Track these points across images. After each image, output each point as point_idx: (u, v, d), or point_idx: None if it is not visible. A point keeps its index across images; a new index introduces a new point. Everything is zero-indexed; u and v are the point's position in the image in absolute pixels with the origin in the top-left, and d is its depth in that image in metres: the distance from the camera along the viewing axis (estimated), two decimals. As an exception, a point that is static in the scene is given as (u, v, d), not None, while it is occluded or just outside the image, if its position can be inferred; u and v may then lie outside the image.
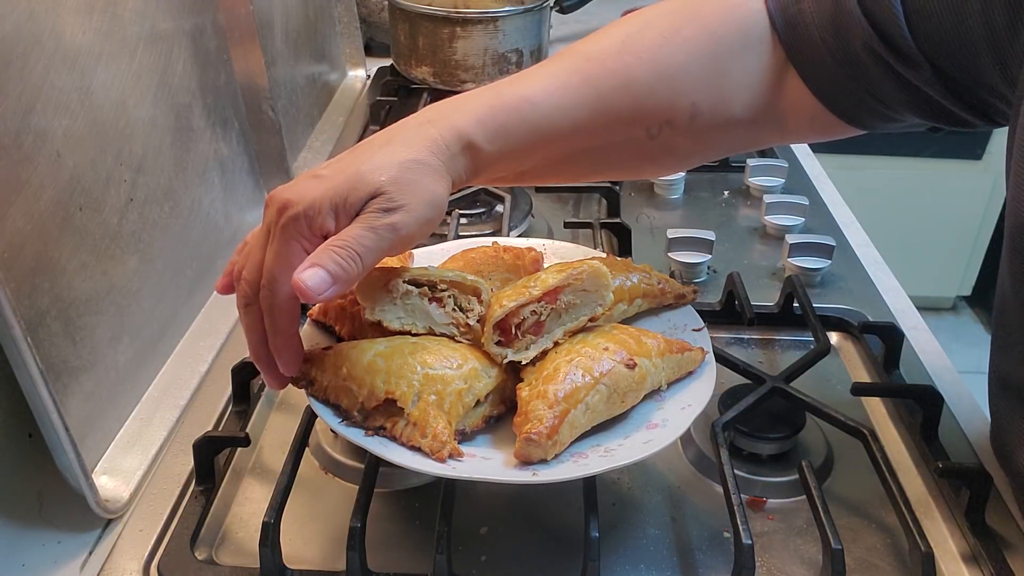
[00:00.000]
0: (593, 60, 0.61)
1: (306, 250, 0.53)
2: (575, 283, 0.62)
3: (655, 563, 0.62)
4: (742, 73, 0.63)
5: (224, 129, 0.94)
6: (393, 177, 0.54)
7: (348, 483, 0.68)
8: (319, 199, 0.53)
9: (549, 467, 0.56)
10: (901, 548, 0.62)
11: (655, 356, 0.61)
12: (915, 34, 0.58)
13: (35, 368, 0.57)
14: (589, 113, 0.60)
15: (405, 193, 0.54)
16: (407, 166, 0.54)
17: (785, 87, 0.64)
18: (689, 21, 0.63)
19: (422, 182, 0.55)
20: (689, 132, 0.64)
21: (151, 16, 0.79)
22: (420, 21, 1.20)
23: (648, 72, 0.61)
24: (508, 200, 0.97)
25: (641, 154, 0.65)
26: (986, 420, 0.74)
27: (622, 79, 0.61)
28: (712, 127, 0.64)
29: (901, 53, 0.59)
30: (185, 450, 0.67)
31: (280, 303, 0.54)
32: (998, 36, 0.56)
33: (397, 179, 0.54)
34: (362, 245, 0.52)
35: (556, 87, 0.60)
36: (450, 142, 0.56)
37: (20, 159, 0.60)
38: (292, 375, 0.59)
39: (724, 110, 0.63)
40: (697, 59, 0.62)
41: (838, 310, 0.86)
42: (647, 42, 0.62)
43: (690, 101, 0.62)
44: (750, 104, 0.64)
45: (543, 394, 0.56)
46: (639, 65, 0.61)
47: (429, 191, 0.55)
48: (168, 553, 0.60)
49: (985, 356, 0.66)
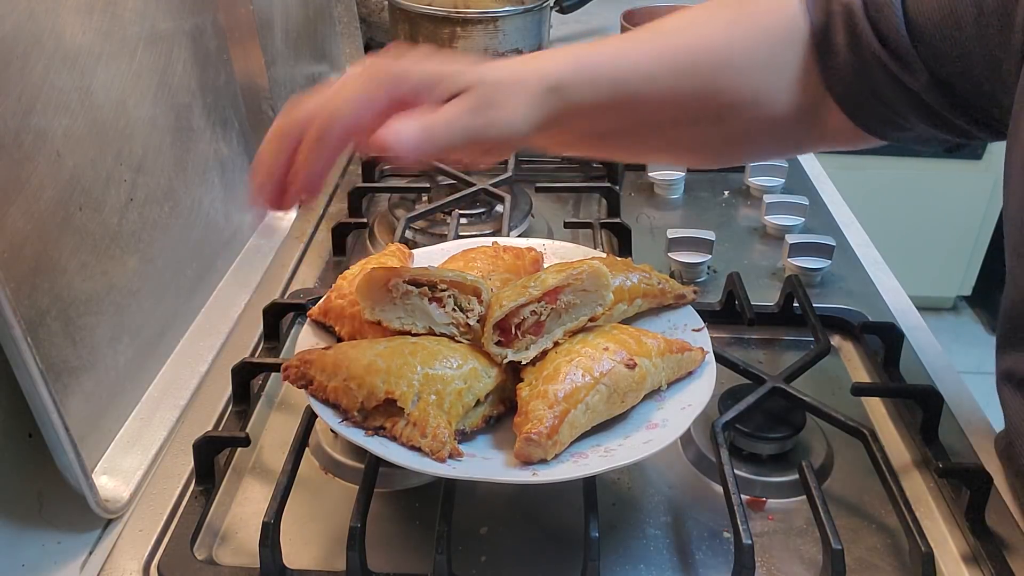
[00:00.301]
0: (668, 35, 0.64)
1: (383, 109, 0.52)
2: (575, 283, 0.62)
3: (655, 563, 0.62)
4: (789, 69, 0.65)
5: (224, 129, 0.94)
6: (493, 80, 0.55)
7: (348, 483, 0.68)
8: (414, 69, 0.53)
9: (549, 467, 0.56)
10: (901, 548, 0.62)
11: (655, 356, 0.61)
12: (914, 39, 0.59)
13: (35, 368, 0.57)
14: (666, 82, 0.62)
15: (500, 98, 0.54)
16: (505, 80, 0.55)
17: (818, 90, 0.65)
18: (744, 15, 0.65)
19: (518, 97, 0.55)
20: (749, 121, 0.65)
21: (151, 16, 0.79)
22: (420, 21, 1.20)
23: (715, 55, 0.63)
24: (508, 200, 0.97)
25: (705, 139, 0.67)
26: (986, 420, 0.74)
27: (693, 58, 0.63)
28: (767, 120, 0.65)
29: (901, 58, 0.60)
30: (185, 450, 0.67)
31: (333, 136, 0.52)
32: (990, 35, 0.56)
33: (496, 83, 0.55)
34: (455, 123, 0.53)
35: (639, 52, 0.62)
36: (543, 77, 0.57)
37: (20, 159, 0.60)
38: (303, 199, 0.55)
39: (777, 103, 0.65)
40: (754, 51, 0.64)
41: (838, 310, 0.86)
42: (712, 28, 0.65)
43: (752, 89, 0.64)
44: (794, 103, 0.65)
45: (543, 394, 0.57)
46: (708, 48, 0.63)
47: (523, 107, 0.56)
48: (168, 553, 0.60)
49: (985, 356, 0.66)
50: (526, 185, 1.07)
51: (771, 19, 0.65)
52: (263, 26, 1.00)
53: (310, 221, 1.02)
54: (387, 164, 1.13)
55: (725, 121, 0.65)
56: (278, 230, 1.00)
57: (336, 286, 0.69)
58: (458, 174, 1.03)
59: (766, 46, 0.65)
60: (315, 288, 0.89)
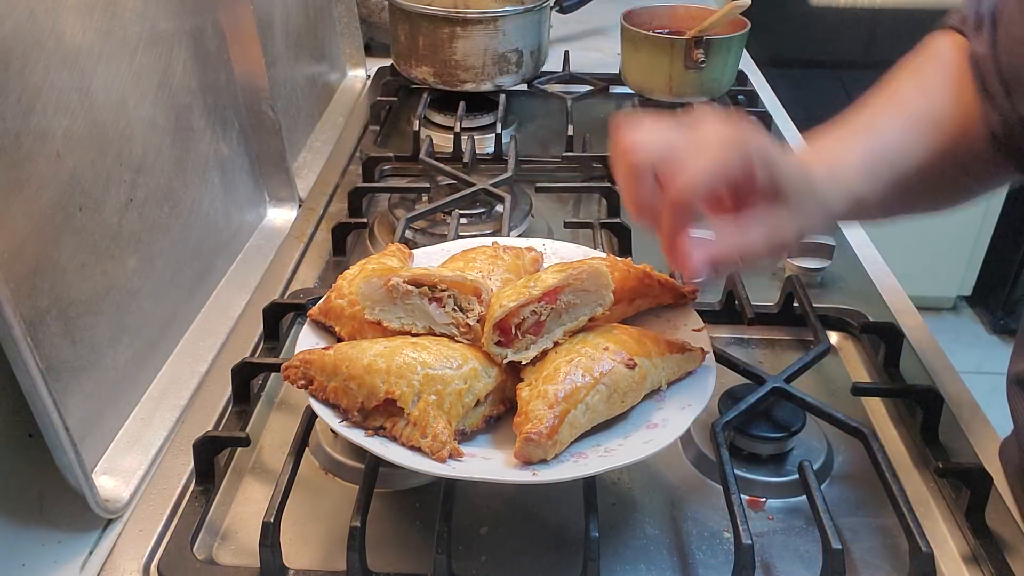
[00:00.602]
0: (906, 106, 0.68)
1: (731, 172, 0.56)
2: (575, 283, 0.62)
3: (655, 563, 0.62)
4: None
5: (224, 129, 0.94)
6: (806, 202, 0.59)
7: (348, 483, 0.68)
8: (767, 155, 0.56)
9: (549, 467, 0.56)
10: (901, 548, 0.62)
11: (655, 356, 0.61)
12: (999, 66, 0.64)
13: (35, 368, 0.57)
14: (922, 152, 0.66)
15: (803, 214, 0.59)
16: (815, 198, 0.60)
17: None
18: (944, 65, 0.70)
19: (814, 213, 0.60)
20: (991, 160, 0.68)
21: (151, 16, 0.79)
22: (420, 21, 1.20)
23: (947, 108, 0.67)
24: (508, 200, 0.97)
25: (957, 186, 0.71)
26: (986, 420, 0.74)
27: (933, 119, 0.67)
28: (1007, 152, 0.67)
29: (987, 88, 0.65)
30: (185, 450, 0.67)
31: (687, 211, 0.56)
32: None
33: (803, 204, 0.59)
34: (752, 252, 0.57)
35: (900, 133, 0.66)
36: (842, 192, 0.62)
37: (20, 159, 0.60)
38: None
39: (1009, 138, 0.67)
40: (972, 95, 0.67)
41: (838, 310, 0.86)
42: (935, 82, 0.69)
43: (987, 129, 0.67)
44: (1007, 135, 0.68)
45: (543, 394, 0.56)
46: (939, 103, 0.68)
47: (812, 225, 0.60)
48: (168, 553, 0.60)
49: (985, 356, 0.66)
50: (526, 185, 1.07)
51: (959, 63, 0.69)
52: (263, 26, 1.00)
53: (310, 221, 1.02)
54: (388, 165, 1.13)
55: (974, 164, 0.68)
56: (278, 230, 1.00)
57: (336, 286, 0.69)
58: (458, 174, 1.03)
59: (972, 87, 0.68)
60: (315, 288, 0.89)
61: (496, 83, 1.24)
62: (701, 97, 1.22)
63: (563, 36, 1.59)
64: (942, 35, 0.72)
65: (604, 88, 1.32)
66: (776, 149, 0.57)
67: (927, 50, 0.72)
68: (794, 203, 0.58)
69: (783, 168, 0.57)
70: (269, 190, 1.03)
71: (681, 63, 1.17)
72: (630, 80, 1.25)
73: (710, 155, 0.55)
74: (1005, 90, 0.65)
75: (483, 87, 1.24)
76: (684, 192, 0.55)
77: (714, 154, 0.55)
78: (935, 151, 0.66)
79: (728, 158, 0.55)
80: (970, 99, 0.67)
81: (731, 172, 0.55)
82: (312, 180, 1.10)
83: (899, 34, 2.49)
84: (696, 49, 1.15)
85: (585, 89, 1.31)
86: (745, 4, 1.11)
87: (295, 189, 1.04)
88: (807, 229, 0.60)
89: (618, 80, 1.30)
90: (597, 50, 1.55)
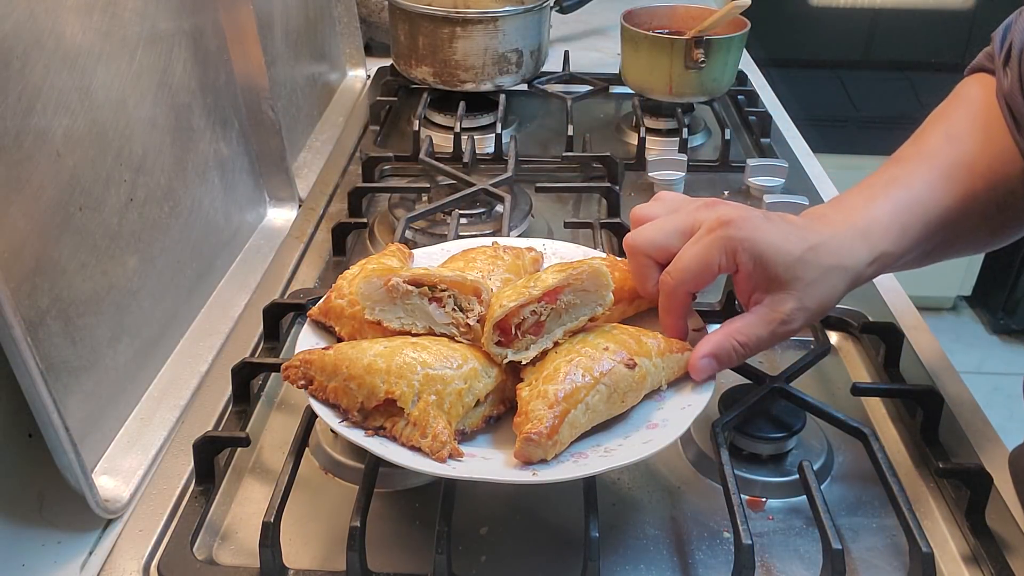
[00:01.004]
0: (936, 156, 0.68)
1: (714, 266, 0.59)
2: (575, 283, 0.62)
3: (655, 563, 0.62)
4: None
5: (224, 129, 0.94)
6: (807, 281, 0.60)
7: (348, 483, 0.68)
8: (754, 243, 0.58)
9: (549, 467, 0.56)
10: (901, 548, 0.62)
11: (655, 356, 0.61)
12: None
13: (35, 368, 0.57)
14: (956, 201, 0.66)
15: (811, 292, 0.60)
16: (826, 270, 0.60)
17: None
18: (974, 109, 0.70)
19: (838, 282, 0.61)
20: (1021, 193, 0.68)
21: (151, 16, 0.79)
22: (420, 21, 1.20)
23: (980, 153, 0.68)
24: (508, 200, 0.97)
25: (994, 227, 0.71)
26: (986, 420, 0.74)
27: (965, 165, 0.67)
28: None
29: (1018, 121, 0.67)
30: (185, 450, 0.67)
31: (673, 298, 0.62)
32: None
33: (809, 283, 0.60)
34: (755, 339, 0.61)
35: (931, 185, 0.66)
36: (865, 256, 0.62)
37: (20, 159, 0.60)
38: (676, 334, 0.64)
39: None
40: (1002, 135, 0.68)
41: (838, 310, 0.86)
42: (963, 127, 0.70)
43: (1021, 166, 0.67)
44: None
45: (543, 394, 0.56)
46: (971, 149, 0.68)
47: (832, 296, 0.61)
48: (168, 553, 0.60)
49: (985, 356, 0.66)
50: (526, 185, 1.07)
51: (988, 99, 0.70)
52: (263, 26, 1.00)
53: (310, 221, 1.02)
54: (388, 165, 1.13)
55: (1011, 201, 0.69)
56: (278, 230, 1.00)
57: (336, 286, 0.69)
58: (458, 174, 1.03)
59: (1002, 124, 0.68)
60: (315, 288, 0.89)
61: (496, 83, 1.24)
62: (701, 97, 1.22)
63: (563, 36, 1.59)
64: (972, 80, 0.73)
65: (604, 88, 1.32)
66: (769, 236, 0.59)
67: (956, 97, 0.73)
68: (792, 287, 0.60)
69: (774, 256, 0.59)
70: (269, 190, 1.03)
71: (681, 63, 1.17)
72: (630, 80, 1.25)
73: (696, 249, 0.59)
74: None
75: (483, 87, 1.24)
76: (668, 283, 0.61)
77: (700, 248, 0.59)
78: (969, 196, 0.67)
79: (710, 252, 0.59)
80: (1001, 138, 0.68)
81: (714, 266, 0.59)
82: (312, 180, 1.10)
83: (899, 34, 2.50)
84: (696, 49, 1.15)
85: (585, 89, 1.31)
86: (745, 4, 1.11)
87: (295, 189, 1.04)
88: (812, 308, 0.61)
89: (618, 80, 1.30)
90: (597, 50, 1.55)
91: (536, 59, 1.27)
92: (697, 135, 1.24)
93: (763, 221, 0.60)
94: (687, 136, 1.16)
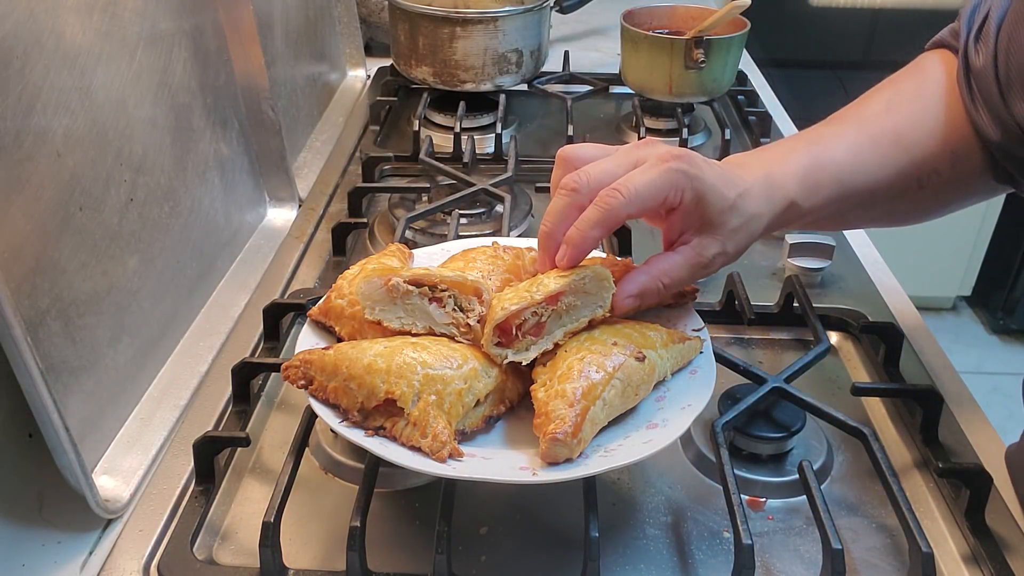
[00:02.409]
0: (869, 122, 0.69)
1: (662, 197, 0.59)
2: (577, 286, 0.62)
3: (655, 563, 0.62)
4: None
5: (224, 129, 0.94)
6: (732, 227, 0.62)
7: (348, 483, 0.68)
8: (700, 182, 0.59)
9: (549, 467, 0.56)
10: (901, 548, 0.62)
11: (660, 347, 0.62)
12: (997, 71, 0.65)
13: (35, 368, 0.57)
14: (877, 169, 0.68)
15: (734, 237, 0.62)
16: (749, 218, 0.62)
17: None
18: (924, 83, 0.71)
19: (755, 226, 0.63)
20: (951, 179, 0.69)
21: (151, 16, 0.79)
22: (420, 21, 1.20)
23: (914, 126, 0.69)
24: (508, 200, 0.97)
25: (912, 203, 0.72)
26: (986, 420, 0.74)
27: (895, 136, 0.68)
28: (968, 173, 0.69)
29: (984, 97, 0.66)
30: (185, 450, 0.67)
31: (613, 214, 0.59)
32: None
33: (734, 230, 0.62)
34: (677, 281, 0.62)
35: (854, 148, 0.68)
36: (780, 199, 0.64)
37: (20, 159, 0.60)
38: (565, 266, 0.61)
39: (974, 156, 0.69)
40: (943, 112, 0.69)
41: (838, 310, 0.86)
42: (906, 98, 0.71)
43: (950, 149, 0.68)
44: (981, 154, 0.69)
45: (562, 393, 0.56)
46: (906, 121, 0.69)
47: (748, 243, 0.63)
48: (168, 553, 0.60)
49: (985, 356, 0.66)
50: (526, 185, 1.07)
51: (941, 83, 0.70)
52: (263, 26, 1.00)
53: (310, 221, 1.02)
54: (388, 165, 1.13)
55: (935, 182, 0.70)
56: (278, 230, 1.00)
57: (336, 286, 0.69)
58: (458, 174, 1.03)
59: (951, 106, 0.69)
60: (315, 288, 0.89)
61: (496, 83, 1.24)
62: (701, 97, 1.22)
63: (563, 36, 1.59)
64: (932, 54, 0.73)
65: (604, 88, 1.32)
66: (712, 178, 0.60)
67: (912, 68, 0.73)
68: (719, 232, 0.61)
69: (712, 200, 0.60)
70: (269, 190, 1.03)
71: (681, 63, 1.17)
72: (630, 80, 1.25)
73: (651, 176, 0.59)
74: (1001, 94, 0.65)
75: (483, 87, 1.24)
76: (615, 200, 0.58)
77: (654, 175, 0.59)
78: (891, 167, 0.68)
79: (664, 181, 0.59)
80: (940, 116, 0.68)
81: (662, 196, 0.59)
82: (312, 180, 1.10)
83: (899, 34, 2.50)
84: (696, 49, 1.15)
85: (585, 89, 1.31)
86: (745, 4, 1.11)
87: (295, 189, 1.04)
88: (731, 252, 0.63)
89: (618, 80, 1.30)
90: (597, 50, 1.55)
91: (536, 59, 1.27)
92: (697, 135, 1.24)
93: (705, 162, 0.61)
94: (687, 136, 1.16)
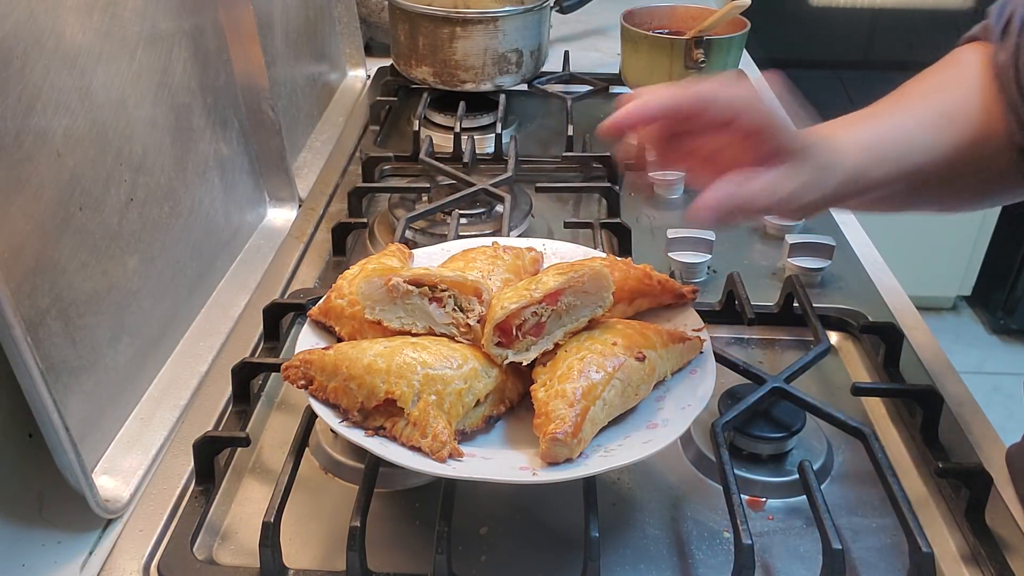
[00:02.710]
0: (918, 104, 0.68)
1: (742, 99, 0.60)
2: (576, 285, 0.62)
3: (655, 563, 0.62)
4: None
5: (224, 129, 0.94)
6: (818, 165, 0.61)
7: (348, 483, 0.68)
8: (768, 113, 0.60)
9: (549, 467, 0.56)
10: (901, 548, 0.62)
11: (659, 347, 0.62)
12: (1018, 72, 0.65)
13: (35, 368, 0.57)
14: (934, 145, 0.66)
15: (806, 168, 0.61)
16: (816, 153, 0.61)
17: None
18: (963, 71, 0.70)
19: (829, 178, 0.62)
20: (1009, 166, 0.68)
21: (151, 16, 0.79)
22: (420, 21, 1.20)
23: (966, 105, 0.67)
24: (508, 200, 0.97)
25: (966, 187, 0.71)
26: (986, 420, 0.74)
27: (952, 114, 0.67)
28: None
29: (1009, 97, 0.65)
30: (185, 450, 0.67)
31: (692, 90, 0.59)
32: None
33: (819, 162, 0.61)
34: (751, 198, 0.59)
35: (911, 125, 0.66)
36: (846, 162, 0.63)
37: (20, 159, 0.60)
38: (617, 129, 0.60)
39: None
40: (993, 94, 0.67)
41: (838, 310, 0.86)
42: (952, 82, 0.70)
43: (1010, 141, 0.66)
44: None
45: (562, 393, 0.57)
46: (959, 99, 0.68)
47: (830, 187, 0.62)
48: (168, 553, 0.60)
49: (985, 356, 0.66)
50: (526, 185, 1.07)
51: (981, 69, 0.69)
52: (263, 26, 1.00)
53: (310, 221, 1.02)
54: (388, 165, 1.13)
55: (991, 168, 0.68)
56: (278, 230, 1.00)
57: (336, 286, 0.69)
58: (458, 174, 1.03)
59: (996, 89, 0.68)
60: (315, 288, 0.89)
61: (496, 83, 1.24)
62: (701, 97, 1.22)
63: (563, 36, 1.59)
64: (966, 47, 0.72)
65: (604, 88, 1.32)
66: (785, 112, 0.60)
67: (950, 59, 0.73)
68: (797, 161, 0.60)
69: (789, 127, 0.60)
70: (269, 190, 1.03)
71: (681, 63, 1.17)
72: (630, 80, 1.25)
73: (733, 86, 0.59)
74: (1021, 94, 0.64)
75: (483, 87, 1.24)
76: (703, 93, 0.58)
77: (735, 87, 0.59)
78: (949, 148, 0.66)
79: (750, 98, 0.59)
80: (992, 106, 0.67)
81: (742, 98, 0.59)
82: (312, 180, 1.10)
83: (899, 34, 2.50)
84: (696, 49, 1.15)
85: (585, 89, 1.31)
86: (745, 4, 1.11)
87: (295, 189, 1.04)
88: (808, 189, 0.61)
89: (618, 80, 1.30)
90: (597, 50, 1.55)
91: (536, 59, 1.27)
92: (697, 135, 1.24)
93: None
94: (687, 136, 1.16)
